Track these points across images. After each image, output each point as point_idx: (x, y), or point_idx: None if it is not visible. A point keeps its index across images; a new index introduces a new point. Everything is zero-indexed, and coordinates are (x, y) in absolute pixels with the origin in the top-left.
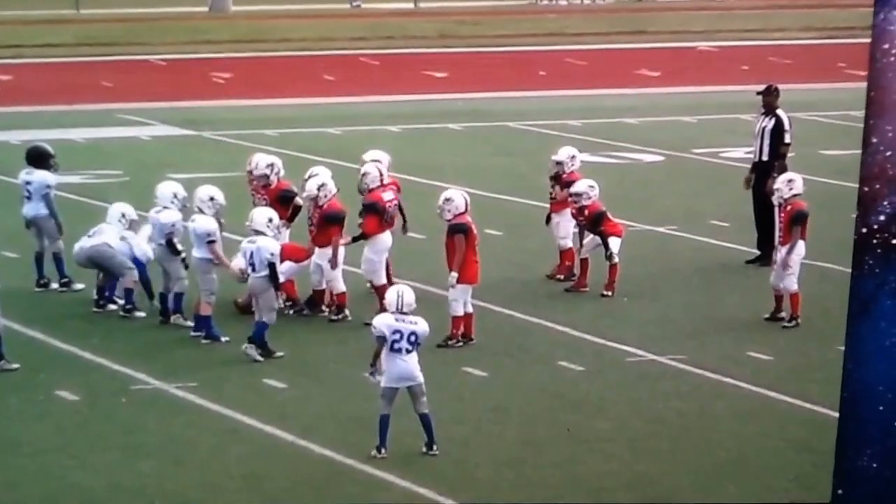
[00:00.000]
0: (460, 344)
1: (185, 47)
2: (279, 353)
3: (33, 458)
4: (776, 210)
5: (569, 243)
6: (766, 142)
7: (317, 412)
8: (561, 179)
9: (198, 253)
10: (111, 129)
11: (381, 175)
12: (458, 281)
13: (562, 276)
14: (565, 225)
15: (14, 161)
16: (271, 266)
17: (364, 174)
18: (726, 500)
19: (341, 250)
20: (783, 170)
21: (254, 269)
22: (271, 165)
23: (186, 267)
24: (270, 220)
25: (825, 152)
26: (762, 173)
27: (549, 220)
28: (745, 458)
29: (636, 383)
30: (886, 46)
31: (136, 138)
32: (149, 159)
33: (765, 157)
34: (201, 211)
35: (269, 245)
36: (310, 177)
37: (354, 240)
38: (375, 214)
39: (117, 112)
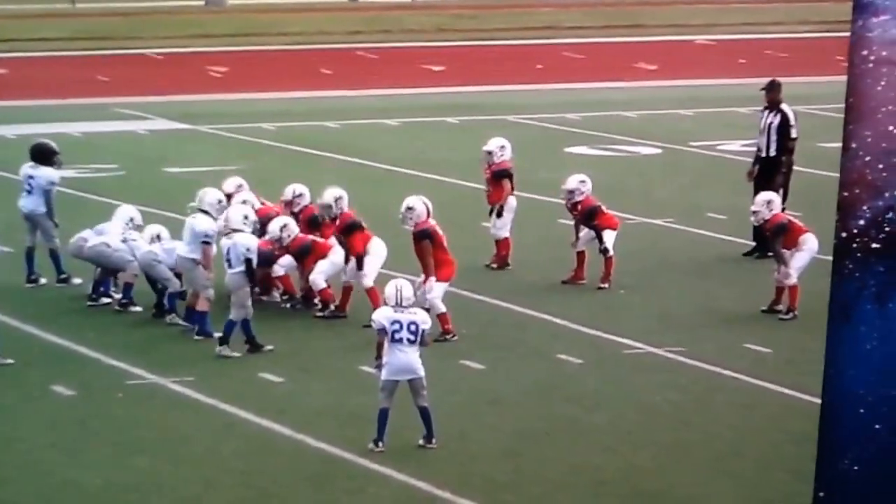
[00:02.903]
0: (456, 338)
1: (182, 41)
2: (268, 347)
3: (28, 454)
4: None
5: (503, 234)
6: (773, 137)
7: (313, 406)
8: (490, 168)
9: (182, 250)
10: (107, 124)
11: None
12: (436, 280)
13: (495, 265)
14: (498, 218)
15: (10, 155)
16: (247, 262)
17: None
18: (724, 492)
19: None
20: (790, 164)
21: (230, 265)
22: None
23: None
24: (246, 217)
25: (823, 145)
26: (768, 168)
27: (499, 212)
28: (742, 450)
29: (634, 376)
30: (865, 53)
31: (132, 132)
32: (145, 153)
33: (772, 153)
34: (205, 213)
35: (246, 241)
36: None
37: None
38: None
39: (113, 106)
